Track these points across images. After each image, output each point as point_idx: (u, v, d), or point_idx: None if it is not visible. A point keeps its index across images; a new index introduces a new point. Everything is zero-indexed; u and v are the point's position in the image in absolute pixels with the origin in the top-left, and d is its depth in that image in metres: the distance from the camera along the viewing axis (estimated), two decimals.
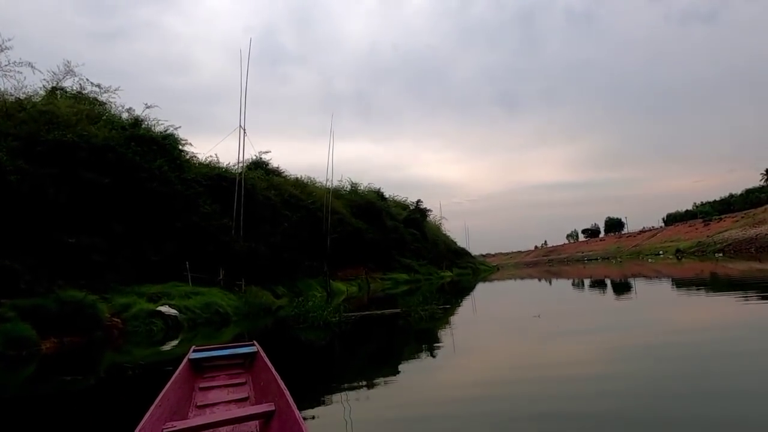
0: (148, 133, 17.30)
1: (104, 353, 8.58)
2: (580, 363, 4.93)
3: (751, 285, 12.80)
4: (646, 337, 6.12)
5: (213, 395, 3.64)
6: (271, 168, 29.67)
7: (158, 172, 15.60)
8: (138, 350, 8.94)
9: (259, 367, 4.03)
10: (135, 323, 10.14)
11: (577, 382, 4.14)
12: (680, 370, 4.28)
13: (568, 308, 10.84)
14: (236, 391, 3.72)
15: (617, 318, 8.34)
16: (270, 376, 3.43)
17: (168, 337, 9.84)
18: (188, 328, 10.86)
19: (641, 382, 3.96)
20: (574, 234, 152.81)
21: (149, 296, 11.53)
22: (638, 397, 3.57)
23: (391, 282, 33.88)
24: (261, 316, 13.68)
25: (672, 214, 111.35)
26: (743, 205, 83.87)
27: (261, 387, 3.58)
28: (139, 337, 9.77)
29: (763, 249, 38.41)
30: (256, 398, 3.51)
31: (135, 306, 10.56)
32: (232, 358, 4.42)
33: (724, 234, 55.17)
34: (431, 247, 50.20)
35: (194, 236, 15.57)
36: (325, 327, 8.52)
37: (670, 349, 5.20)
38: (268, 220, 21.27)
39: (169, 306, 10.78)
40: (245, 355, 4.45)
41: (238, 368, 4.32)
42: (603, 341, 6.11)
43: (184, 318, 10.90)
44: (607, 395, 3.69)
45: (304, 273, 23.02)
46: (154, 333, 10.05)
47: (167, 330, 10.40)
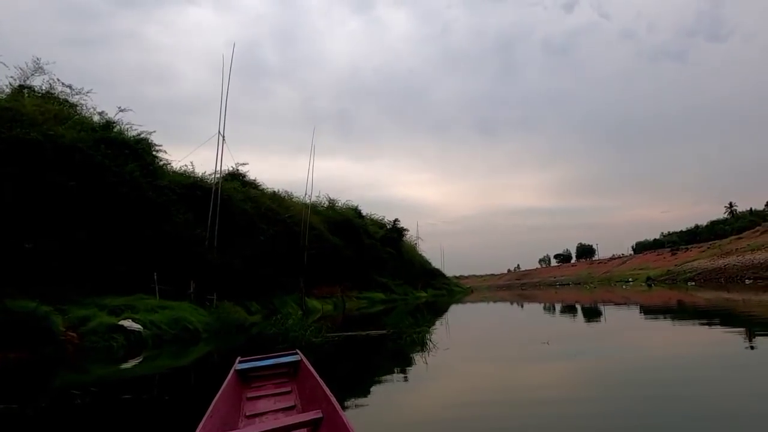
0: (120, 137, 16.40)
1: (56, 372, 7.67)
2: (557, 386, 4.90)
3: (731, 314, 12.71)
4: (626, 364, 6.02)
5: (261, 405, 3.67)
6: (248, 180, 28.75)
7: (129, 177, 14.69)
8: (96, 368, 8.06)
9: (303, 375, 4.11)
10: (93, 338, 9.19)
11: (549, 405, 4.11)
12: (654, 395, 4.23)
13: (556, 334, 10.42)
14: (283, 400, 3.76)
15: (605, 344, 7.92)
16: (315, 384, 3.49)
17: (130, 355, 8.95)
18: (153, 345, 9.95)
19: (618, 408, 3.95)
20: (547, 259, 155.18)
21: (111, 309, 10.58)
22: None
23: (367, 301, 33.13)
24: (233, 333, 12.76)
25: (641, 242, 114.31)
26: (708, 236, 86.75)
27: (307, 395, 3.63)
28: (97, 353, 8.84)
29: (732, 279, 39.28)
30: (302, 406, 3.52)
31: (95, 319, 9.62)
32: (277, 368, 4.53)
33: (693, 263, 56.44)
34: (407, 267, 49.69)
35: (165, 246, 14.64)
36: (306, 348, 7.77)
37: (648, 375, 5.20)
38: (243, 232, 20.42)
39: (132, 320, 9.86)
40: (289, 363, 4.55)
41: (283, 377, 4.40)
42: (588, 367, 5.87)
43: (149, 334, 9.99)
44: (578, 418, 3.67)
45: (279, 289, 22.13)
46: (114, 350, 9.12)
47: (129, 347, 9.48)
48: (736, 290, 24.55)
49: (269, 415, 3.40)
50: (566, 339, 8.26)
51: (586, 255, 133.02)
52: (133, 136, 17.23)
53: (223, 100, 18.64)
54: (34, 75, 18.07)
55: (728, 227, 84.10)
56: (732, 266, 44.26)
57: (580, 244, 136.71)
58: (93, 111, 18.17)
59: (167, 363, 8.56)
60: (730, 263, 45.63)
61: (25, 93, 17.02)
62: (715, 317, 11.58)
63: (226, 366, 7.80)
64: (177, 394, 5.36)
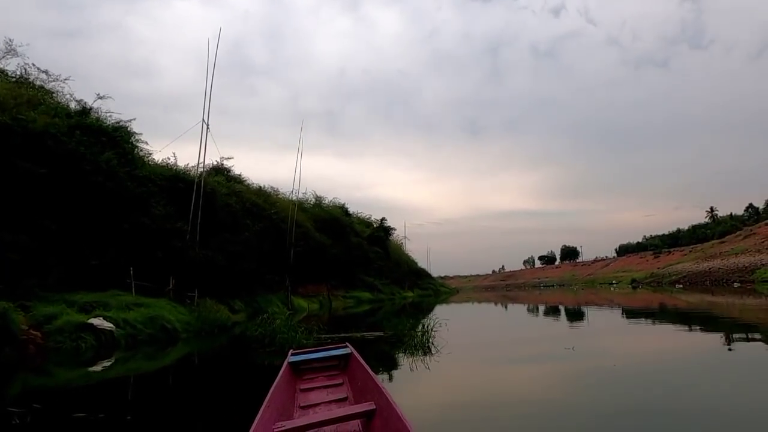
0: (97, 123, 15.45)
1: (14, 376, 6.87)
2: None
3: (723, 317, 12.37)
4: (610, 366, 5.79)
5: (314, 396, 3.71)
6: (233, 175, 27.85)
7: (105, 165, 13.78)
8: (61, 371, 7.28)
9: (354, 368, 4.17)
10: (59, 338, 8.32)
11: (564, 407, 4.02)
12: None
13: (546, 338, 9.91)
14: (335, 392, 3.78)
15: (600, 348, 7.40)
16: (366, 376, 3.51)
17: (100, 356, 8.15)
18: (126, 345, 9.11)
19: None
20: (531, 260, 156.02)
21: (82, 306, 9.72)
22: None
23: (353, 300, 32.49)
24: (215, 333, 11.98)
25: (624, 245, 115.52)
26: (690, 240, 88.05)
27: (359, 387, 3.65)
28: (63, 355, 8.01)
29: (718, 282, 39.51)
30: (354, 398, 3.53)
31: (62, 317, 8.75)
32: (328, 360, 4.59)
33: (677, 266, 56.91)
34: (394, 267, 49.15)
35: (143, 239, 13.78)
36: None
37: (636, 377, 5.18)
38: (227, 228, 19.59)
39: (103, 318, 9.02)
40: (340, 356, 4.59)
41: (335, 369, 4.46)
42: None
43: (122, 333, 9.15)
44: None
45: (264, 287, 21.33)
46: (81, 351, 8.30)
47: (99, 347, 8.65)
48: (726, 293, 24.45)
49: (322, 406, 3.41)
50: (585, 345, 7.71)
51: (570, 257, 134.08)
52: (111, 123, 16.34)
53: (208, 86, 17.77)
54: (6, 57, 17.13)
55: (709, 231, 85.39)
56: (717, 269, 44.60)
57: (564, 246, 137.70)
58: (70, 98, 17.31)
59: (141, 366, 7.80)
60: (715, 266, 46.00)
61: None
62: (721, 320, 11.20)
63: (208, 370, 7.14)
64: (146, 408, 4.61)
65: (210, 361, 8.13)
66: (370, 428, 2.74)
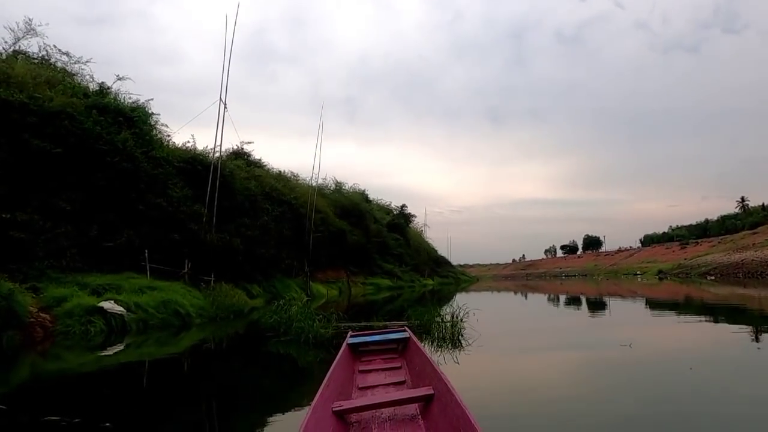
0: (114, 103, 15.16)
1: (18, 360, 6.55)
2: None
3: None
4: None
5: (372, 378, 3.72)
6: (253, 159, 27.59)
7: (122, 146, 13.46)
8: (71, 356, 6.98)
9: (412, 352, 4.16)
10: (68, 321, 8.02)
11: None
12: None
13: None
14: (393, 375, 3.77)
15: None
16: (424, 361, 3.51)
17: (110, 341, 7.82)
18: (137, 330, 8.77)
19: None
20: (552, 250, 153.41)
21: (94, 289, 9.41)
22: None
23: (373, 287, 32.15)
24: (231, 319, 11.62)
25: (649, 235, 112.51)
26: (719, 230, 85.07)
27: (417, 371, 3.62)
28: (71, 339, 7.69)
29: (751, 274, 37.86)
30: (412, 382, 3.50)
31: (72, 300, 8.42)
32: (386, 343, 4.66)
33: (707, 258, 54.94)
34: (414, 254, 48.67)
35: (159, 222, 13.45)
36: (314, 342, 6.54)
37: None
38: (246, 212, 19.25)
39: (114, 302, 8.68)
40: (398, 340, 4.64)
41: (392, 353, 4.51)
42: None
43: (133, 318, 8.80)
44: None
45: (282, 272, 21.05)
46: (90, 335, 7.97)
47: (109, 332, 8.32)
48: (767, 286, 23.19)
49: (380, 389, 3.40)
50: (641, 342, 7.05)
51: (593, 247, 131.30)
52: (128, 104, 16.04)
53: (225, 65, 17.28)
54: (26, 36, 16.98)
55: (740, 222, 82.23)
56: (750, 261, 42.78)
57: (586, 236, 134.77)
58: (90, 80, 17.14)
59: (151, 353, 7.43)
60: (748, 258, 44.13)
61: (18, 59, 15.89)
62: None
63: (216, 361, 6.73)
64: (139, 408, 4.16)
65: (219, 351, 7.68)
66: (429, 413, 2.68)
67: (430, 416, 2.64)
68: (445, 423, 2.40)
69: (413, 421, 2.69)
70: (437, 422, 2.51)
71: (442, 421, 2.45)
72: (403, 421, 2.69)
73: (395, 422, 2.68)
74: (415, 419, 2.71)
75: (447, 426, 2.35)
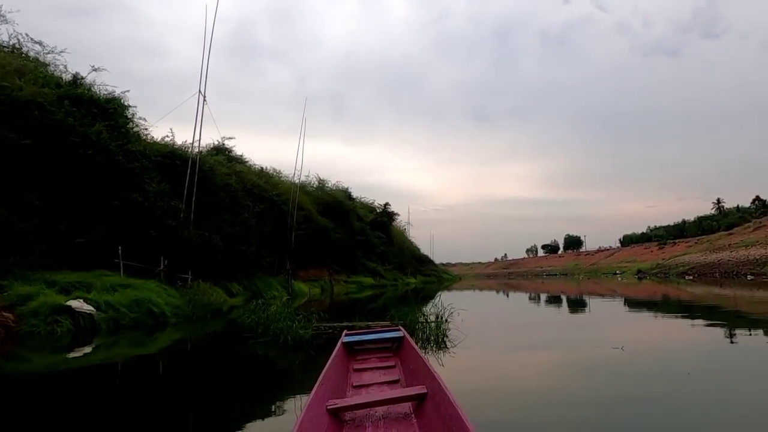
0: (88, 94, 14.59)
1: None
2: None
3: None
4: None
5: (366, 377, 3.74)
6: (235, 155, 27.15)
7: (95, 138, 12.95)
8: (36, 357, 6.63)
9: (406, 351, 4.19)
10: (33, 321, 7.61)
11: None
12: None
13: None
14: (387, 374, 3.78)
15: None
16: (419, 360, 3.52)
17: (78, 342, 7.43)
18: (108, 330, 8.39)
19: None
20: (534, 249, 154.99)
21: (63, 286, 9.00)
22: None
23: (355, 285, 31.92)
24: (208, 318, 11.26)
25: (628, 235, 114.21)
26: (696, 231, 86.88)
27: (410, 370, 3.64)
28: (37, 340, 7.31)
29: (727, 274, 38.62)
30: (406, 381, 3.52)
31: (38, 298, 8.02)
32: (381, 342, 4.71)
33: (684, 258, 55.95)
34: (397, 252, 48.57)
35: (134, 217, 13.00)
36: (293, 343, 6.25)
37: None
38: (226, 208, 18.80)
39: (83, 300, 8.29)
40: (393, 339, 4.68)
41: (387, 352, 4.55)
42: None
43: (103, 317, 8.41)
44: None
45: (263, 270, 20.66)
46: (57, 335, 7.58)
47: (78, 332, 7.93)
48: (744, 286, 23.58)
49: (374, 387, 3.42)
50: (633, 343, 6.94)
51: (574, 246, 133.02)
52: (103, 95, 15.47)
53: (206, 56, 16.83)
54: None
55: (716, 223, 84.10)
56: (727, 261, 43.67)
57: (567, 236, 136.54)
58: (64, 70, 16.46)
59: (123, 354, 7.08)
60: (724, 258, 45.03)
61: None
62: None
63: (187, 364, 6.43)
64: (110, 412, 3.87)
65: (194, 352, 7.35)
66: (422, 411, 2.72)
67: (424, 414, 2.67)
68: (437, 421, 2.43)
69: (406, 419, 2.72)
70: (430, 420, 2.54)
71: (435, 420, 2.47)
72: (396, 420, 2.72)
73: (389, 420, 2.71)
74: (409, 417, 2.74)
75: (440, 424, 2.38)
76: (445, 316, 6.83)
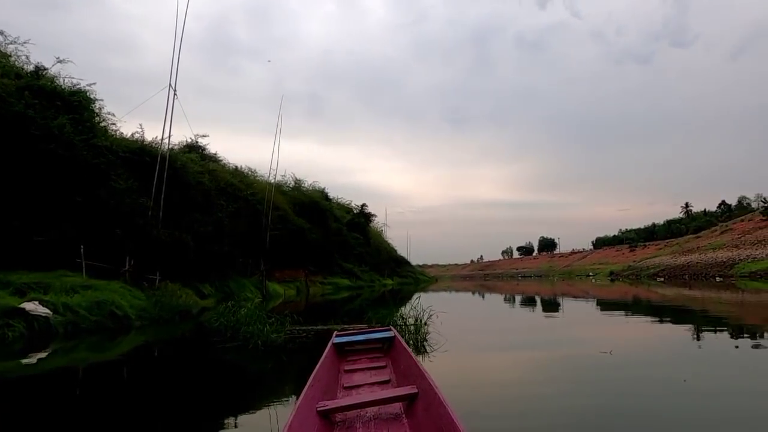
0: (51, 86, 13.89)
1: None
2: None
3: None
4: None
5: (357, 377, 3.72)
6: (209, 153, 26.50)
7: (58, 132, 12.32)
8: None
9: (397, 352, 4.18)
10: None
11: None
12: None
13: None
14: (378, 374, 3.76)
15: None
16: (410, 360, 3.51)
17: (33, 347, 6.92)
18: (66, 334, 7.88)
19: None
20: (509, 251, 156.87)
21: (19, 288, 8.42)
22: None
23: (332, 287, 31.53)
24: (176, 321, 10.75)
25: (601, 238, 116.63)
26: (665, 234, 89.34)
27: (401, 370, 3.63)
28: None
29: (697, 276, 39.67)
30: (397, 381, 3.50)
31: None
32: (372, 343, 4.67)
33: (654, 260, 57.37)
34: (374, 254, 48.30)
35: (99, 215, 12.40)
36: (263, 348, 5.88)
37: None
38: (199, 207, 18.24)
39: (39, 303, 7.75)
40: (383, 339, 4.65)
41: (378, 352, 4.52)
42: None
43: (61, 320, 7.88)
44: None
45: (237, 271, 20.13)
46: (9, 340, 7.05)
47: (32, 336, 7.40)
48: (713, 288, 24.12)
49: (365, 388, 3.40)
50: (621, 349, 6.81)
51: (548, 248, 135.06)
52: (67, 87, 14.75)
53: (177, 47, 16.28)
54: None
55: (684, 227, 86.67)
56: (696, 264, 44.90)
57: (542, 238, 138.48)
58: (27, 62, 15.61)
59: (81, 358, 6.61)
60: (693, 261, 46.31)
61: None
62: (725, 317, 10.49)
63: (163, 365, 6.04)
64: (65, 421, 3.50)
65: (157, 358, 6.89)
66: (412, 411, 2.71)
67: (414, 415, 2.66)
68: (428, 421, 2.41)
69: (397, 419, 2.70)
70: (421, 421, 2.52)
71: (426, 420, 2.45)
72: (387, 420, 2.69)
73: (380, 421, 2.68)
74: (399, 418, 2.72)
75: (430, 424, 2.37)
76: (424, 319, 6.58)
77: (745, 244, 44.01)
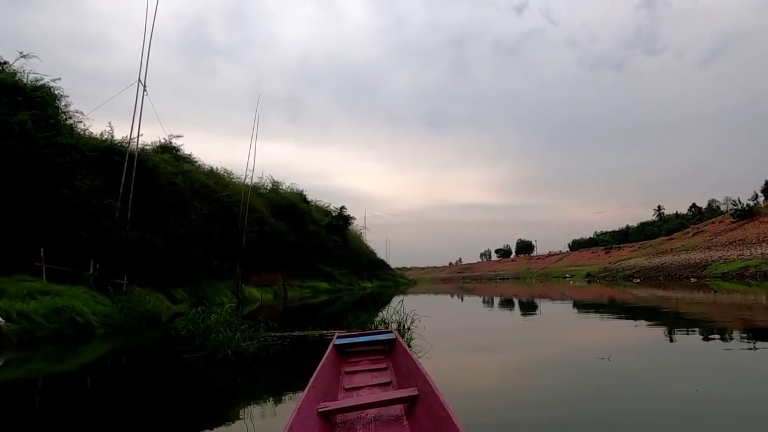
0: (11, 80, 13.17)
1: None
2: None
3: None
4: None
5: (358, 379, 3.71)
6: (182, 154, 25.71)
7: (18, 128, 11.67)
8: None
9: (398, 354, 4.17)
10: None
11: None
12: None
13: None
14: (379, 376, 3.76)
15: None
16: (411, 362, 3.50)
17: None
18: (21, 344, 7.30)
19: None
20: (488, 253, 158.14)
21: None
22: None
23: (310, 290, 30.99)
24: (144, 328, 10.18)
25: (577, 240, 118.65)
26: (639, 236, 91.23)
27: (402, 372, 3.62)
28: None
29: (671, 277, 40.42)
30: (398, 383, 3.49)
31: None
32: (373, 345, 4.70)
33: (629, 261, 58.36)
34: (353, 257, 47.84)
35: (62, 216, 11.75)
36: (234, 359, 5.42)
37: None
38: (171, 209, 17.61)
39: None
40: (385, 341, 4.67)
41: (379, 354, 4.54)
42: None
43: (14, 329, 7.30)
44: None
45: (211, 274, 19.49)
46: None
47: None
48: (689, 289, 24.46)
49: (366, 390, 3.40)
50: (619, 353, 6.60)
51: (525, 251, 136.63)
52: (29, 82, 14.01)
53: (146, 42, 15.68)
54: None
55: (657, 229, 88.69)
56: (670, 265, 45.76)
57: (519, 240, 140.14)
58: None
59: (36, 370, 6.07)
60: (667, 262, 47.21)
61: None
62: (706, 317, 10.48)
63: (124, 377, 5.57)
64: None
65: (120, 370, 6.39)
66: (413, 413, 2.70)
67: (415, 417, 2.65)
68: (429, 423, 2.41)
69: (398, 421, 2.69)
70: (421, 423, 2.51)
71: (426, 422, 2.45)
72: (388, 422, 2.68)
73: (380, 423, 2.67)
74: (400, 420, 2.70)
75: (431, 426, 2.36)
76: (408, 324, 6.25)
77: (717, 245, 45.06)
